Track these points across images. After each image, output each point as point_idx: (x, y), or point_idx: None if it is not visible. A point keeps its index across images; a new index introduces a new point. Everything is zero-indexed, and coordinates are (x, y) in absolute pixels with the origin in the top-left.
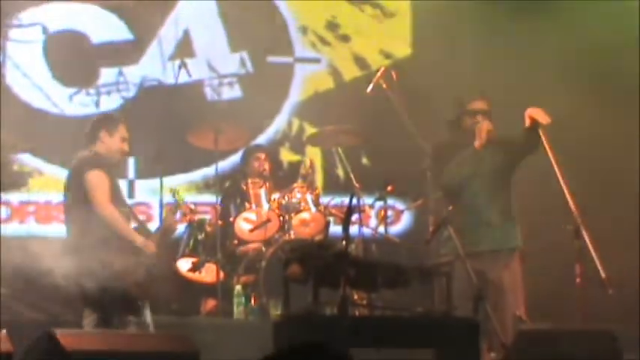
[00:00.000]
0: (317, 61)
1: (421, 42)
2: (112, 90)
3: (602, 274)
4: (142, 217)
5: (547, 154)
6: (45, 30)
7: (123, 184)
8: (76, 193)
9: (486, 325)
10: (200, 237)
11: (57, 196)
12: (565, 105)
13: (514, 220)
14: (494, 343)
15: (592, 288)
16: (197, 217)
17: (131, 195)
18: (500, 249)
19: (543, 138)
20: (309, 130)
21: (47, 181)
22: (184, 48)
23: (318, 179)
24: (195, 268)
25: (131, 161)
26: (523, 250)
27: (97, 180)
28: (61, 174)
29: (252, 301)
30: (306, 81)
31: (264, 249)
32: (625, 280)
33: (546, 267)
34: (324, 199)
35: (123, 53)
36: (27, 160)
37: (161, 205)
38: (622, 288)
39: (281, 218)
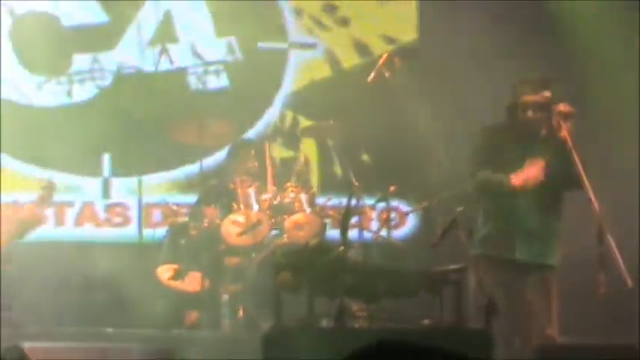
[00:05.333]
0: (313, 46)
1: (428, 25)
2: (85, 78)
3: (629, 283)
4: (118, 220)
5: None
6: (12, 12)
7: (97, 183)
8: None
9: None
10: (182, 242)
11: (23, 197)
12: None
13: (557, 232)
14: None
15: (617, 299)
16: (179, 219)
17: (106, 195)
18: (539, 264)
19: (567, 135)
20: (304, 123)
21: (13, 180)
22: (166, 32)
23: (314, 178)
24: (176, 276)
25: (106, 158)
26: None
27: None
28: (28, 171)
29: (240, 313)
30: (301, 69)
31: (253, 255)
32: None
33: (566, 275)
34: (321, 200)
35: (98, 37)
36: None
37: (140, 206)
38: None
39: (272, 220)
